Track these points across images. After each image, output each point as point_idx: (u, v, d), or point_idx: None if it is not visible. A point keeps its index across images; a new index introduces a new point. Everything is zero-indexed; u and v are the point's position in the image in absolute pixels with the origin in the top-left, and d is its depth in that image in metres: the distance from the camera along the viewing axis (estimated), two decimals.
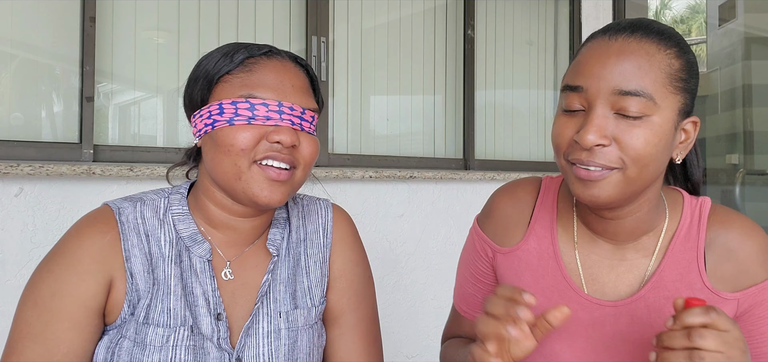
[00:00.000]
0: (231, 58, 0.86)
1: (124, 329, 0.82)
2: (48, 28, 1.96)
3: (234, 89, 0.84)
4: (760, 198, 5.48)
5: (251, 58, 0.86)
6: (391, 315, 2.47)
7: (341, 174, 2.31)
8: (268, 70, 0.86)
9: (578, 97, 0.77)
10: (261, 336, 0.87)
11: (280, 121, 0.83)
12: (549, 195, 0.93)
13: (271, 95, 0.84)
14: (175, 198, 0.90)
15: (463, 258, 1.03)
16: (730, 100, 6.24)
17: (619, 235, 0.84)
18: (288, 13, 2.48)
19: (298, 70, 0.89)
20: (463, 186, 2.73)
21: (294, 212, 0.98)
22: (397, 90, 2.81)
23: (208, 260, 0.87)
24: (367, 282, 1.02)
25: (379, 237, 2.47)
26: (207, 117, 0.85)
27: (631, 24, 0.78)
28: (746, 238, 0.82)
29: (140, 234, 0.85)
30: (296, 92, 0.86)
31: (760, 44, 5.93)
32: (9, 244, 1.74)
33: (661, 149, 0.76)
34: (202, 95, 0.87)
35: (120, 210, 0.87)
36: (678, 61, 0.77)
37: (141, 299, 0.83)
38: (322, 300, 0.95)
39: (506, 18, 3.21)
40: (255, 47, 0.88)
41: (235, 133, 0.82)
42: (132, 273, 0.83)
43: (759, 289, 0.80)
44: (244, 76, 0.84)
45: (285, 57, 0.89)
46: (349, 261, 0.99)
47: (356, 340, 0.97)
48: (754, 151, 5.90)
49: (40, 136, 1.95)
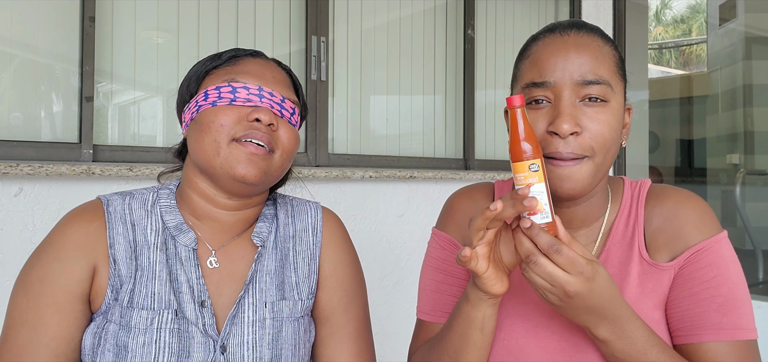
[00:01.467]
0: (219, 57, 0.93)
1: (109, 314, 0.84)
2: (48, 28, 1.96)
3: (219, 79, 0.90)
4: (760, 198, 5.47)
5: (237, 56, 0.93)
6: (390, 316, 2.47)
7: (341, 174, 2.31)
8: (251, 63, 0.93)
9: (544, 90, 0.82)
10: (246, 324, 0.88)
11: (260, 103, 0.88)
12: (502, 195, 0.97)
13: (252, 81, 0.89)
14: (163, 193, 0.95)
15: (429, 266, 1.02)
16: (730, 99, 6.24)
17: (573, 222, 0.89)
18: (288, 13, 2.48)
19: (281, 70, 0.96)
20: (463, 186, 2.73)
21: (282, 209, 1.00)
22: (397, 90, 2.81)
23: (194, 249, 0.89)
24: (358, 283, 1.02)
25: (379, 237, 2.47)
26: (194, 105, 0.90)
27: (571, 23, 0.86)
28: (681, 205, 0.87)
29: (126, 224, 0.89)
30: (277, 83, 0.92)
31: (761, 44, 5.93)
32: (9, 244, 1.74)
33: (618, 133, 0.83)
34: (191, 91, 0.92)
35: (109, 201, 0.91)
36: (616, 52, 0.86)
37: (124, 284, 0.85)
38: (310, 296, 0.96)
39: (506, 18, 3.21)
40: (242, 50, 0.95)
41: (216, 112, 0.86)
42: (115, 259, 0.86)
43: (693, 251, 0.84)
44: (229, 68, 0.91)
45: (270, 60, 0.96)
46: (339, 262, 1.00)
47: (347, 340, 0.97)
48: (754, 150, 5.90)
49: (39, 135, 1.95)
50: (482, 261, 0.76)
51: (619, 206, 0.91)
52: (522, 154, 0.75)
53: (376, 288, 2.44)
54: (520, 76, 0.88)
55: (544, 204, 0.74)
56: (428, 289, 1.00)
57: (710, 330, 0.81)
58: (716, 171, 6.40)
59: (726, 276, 0.83)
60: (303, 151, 2.46)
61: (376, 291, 2.44)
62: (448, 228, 1.01)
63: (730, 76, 6.23)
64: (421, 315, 1.01)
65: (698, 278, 0.83)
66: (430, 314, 0.99)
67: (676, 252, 0.85)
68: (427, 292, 1.01)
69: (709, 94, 6.81)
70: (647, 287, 0.85)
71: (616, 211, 0.91)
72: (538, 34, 0.88)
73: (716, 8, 6.57)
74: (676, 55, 17.81)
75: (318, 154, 2.48)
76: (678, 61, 17.62)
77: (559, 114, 0.80)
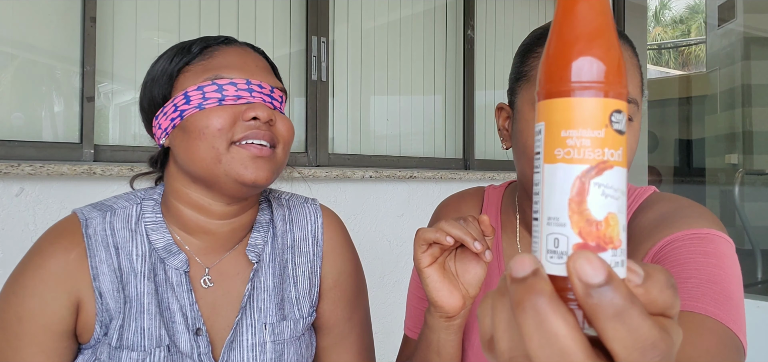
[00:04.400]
0: (188, 50, 0.82)
1: (98, 350, 0.78)
2: (49, 29, 1.96)
3: (197, 77, 0.79)
4: (759, 198, 5.48)
5: (209, 48, 0.82)
6: (390, 315, 2.47)
7: (341, 174, 2.32)
8: (228, 53, 0.82)
9: None
10: (245, 349, 0.82)
11: (251, 98, 0.79)
12: (493, 201, 0.94)
13: (237, 74, 0.80)
14: (147, 205, 0.84)
15: (414, 279, 0.98)
16: (729, 100, 6.25)
17: None
18: (288, 13, 2.49)
19: (260, 55, 0.86)
20: (463, 186, 2.73)
21: (279, 215, 0.92)
22: (397, 90, 2.81)
23: (186, 271, 0.82)
24: (360, 291, 0.98)
25: (379, 237, 2.48)
26: (173, 111, 0.79)
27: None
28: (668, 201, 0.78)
29: (109, 248, 0.80)
30: (261, 72, 0.82)
31: (760, 44, 5.94)
32: (9, 244, 1.74)
33: (637, 141, 0.79)
34: (164, 92, 0.81)
35: (87, 221, 0.80)
36: (639, 63, 0.80)
37: (113, 319, 0.78)
38: (312, 311, 0.91)
39: (506, 18, 3.22)
40: (211, 38, 0.84)
41: (207, 116, 0.77)
42: (101, 293, 0.78)
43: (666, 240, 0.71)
44: (205, 62, 0.80)
45: (243, 44, 0.86)
46: (342, 272, 0.94)
47: (349, 349, 0.94)
48: (753, 150, 5.91)
49: (40, 135, 1.95)
50: (425, 257, 0.68)
51: None
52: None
53: (376, 288, 2.45)
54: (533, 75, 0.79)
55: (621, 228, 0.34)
56: (411, 304, 0.97)
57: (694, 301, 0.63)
58: (715, 171, 6.41)
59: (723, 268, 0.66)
60: (303, 151, 2.47)
61: (376, 290, 2.44)
62: None
63: (729, 76, 6.24)
64: (406, 330, 0.97)
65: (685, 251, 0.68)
66: (413, 330, 0.95)
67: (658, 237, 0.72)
68: (410, 307, 0.97)
69: (707, 95, 6.82)
70: None
71: None
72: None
73: (715, 9, 6.58)
74: (675, 56, 17.83)
75: (318, 153, 2.48)
76: (677, 61, 17.63)
77: None
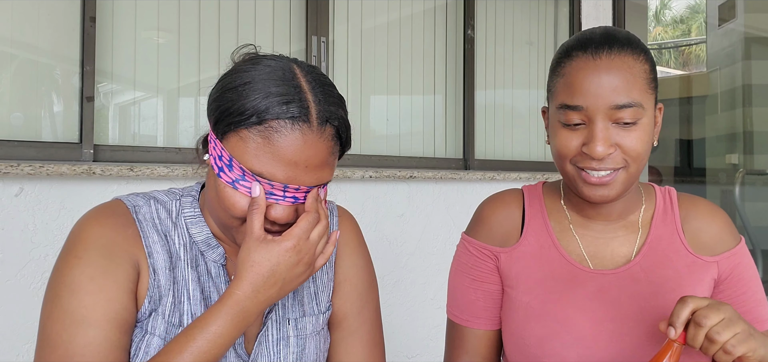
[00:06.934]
0: (256, 114, 0.75)
1: (148, 326, 0.80)
2: (48, 29, 1.96)
3: (248, 155, 0.75)
4: (759, 198, 5.48)
5: (278, 118, 0.75)
6: (391, 315, 2.47)
7: (341, 174, 2.32)
8: (290, 139, 0.75)
9: (578, 114, 0.88)
10: (271, 343, 0.87)
11: (282, 199, 0.78)
12: (535, 199, 1.05)
13: (281, 174, 0.76)
14: (186, 201, 0.88)
15: (459, 269, 1.07)
16: (729, 100, 6.24)
17: (612, 215, 0.98)
18: (288, 13, 2.48)
19: (323, 142, 0.78)
20: (463, 186, 2.73)
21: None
22: (397, 90, 2.81)
23: (223, 264, 0.87)
24: (371, 286, 1.01)
25: (379, 237, 2.47)
26: (217, 158, 0.78)
27: (604, 38, 0.89)
28: (713, 216, 0.99)
29: (160, 233, 0.84)
30: (309, 171, 0.77)
31: (760, 44, 5.93)
32: (9, 244, 1.74)
33: (650, 141, 0.91)
34: (218, 129, 0.79)
35: (136, 208, 0.84)
36: (647, 64, 0.90)
37: (163, 296, 0.81)
38: (329, 305, 0.95)
39: (506, 18, 3.22)
40: (283, 110, 0.75)
41: (235, 198, 0.77)
42: (154, 269, 0.81)
43: (732, 253, 0.97)
44: (261, 143, 0.75)
45: (319, 125, 0.77)
46: (353, 266, 0.99)
47: (359, 343, 0.97)
48: (753, 150, 5.90)
49: (40, 135, 1.95)
50: None
51: (653, 205, 1.01)
52: None
53: None
54: (554, 91, 0.92)
55: None
56: (458, 292, 1.06)
57: (759, 322, 0.95)
58: (715, 171, 6.40)
59: (757, 275, 0.98)
60: None
61: None
62: (479, 234, 1.05)
63: (730, 76, 6.23)
64: (452, 316, 1.07)
65: (745, 277, 0.97)
66: (461, 317, 1.05)
67: (717, 251, 0.97)
68: (456, 295, 1.06)
69: (708, 94, 6.81)
70: (694, 277, 0.95)
71: (653, 209, 1.00)
72: (570, 47, 0.91)
73: (715, 8, 6.57)
74: (676, 56, 17.82)
75: None
76: (677, 61, 17.62)
77: (592, 138, 0.87)
